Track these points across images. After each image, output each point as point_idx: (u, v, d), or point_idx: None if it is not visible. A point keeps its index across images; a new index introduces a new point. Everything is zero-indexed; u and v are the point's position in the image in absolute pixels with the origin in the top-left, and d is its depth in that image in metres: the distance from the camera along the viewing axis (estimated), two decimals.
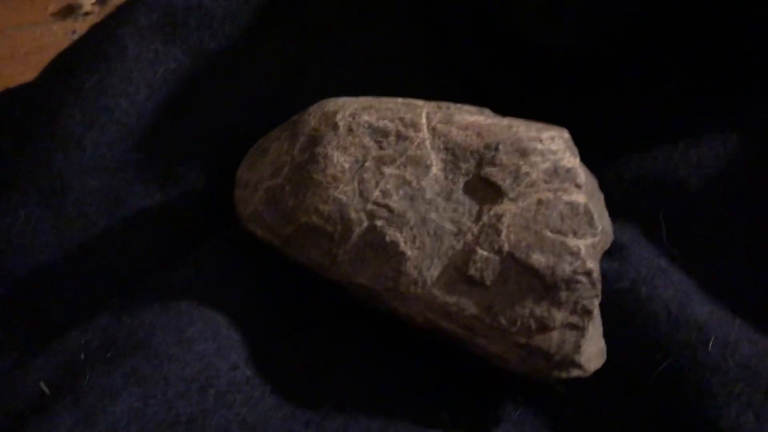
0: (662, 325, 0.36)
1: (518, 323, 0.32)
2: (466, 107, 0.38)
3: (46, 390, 0.31)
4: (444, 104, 0.37)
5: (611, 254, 0.40)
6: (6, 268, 0.39)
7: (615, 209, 0.42)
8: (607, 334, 0.36)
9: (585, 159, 0.42)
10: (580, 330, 0.32)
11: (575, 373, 0.34)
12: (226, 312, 0.35)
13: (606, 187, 0.42)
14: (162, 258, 0.40)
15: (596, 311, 0.35)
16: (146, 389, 0.30)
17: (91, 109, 0.42)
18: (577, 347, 0.32)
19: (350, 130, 0.34)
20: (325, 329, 0.36)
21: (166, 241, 0.40)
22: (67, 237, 0.40)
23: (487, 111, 0.38)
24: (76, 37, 0.46)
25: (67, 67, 0.43)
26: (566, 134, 0.35)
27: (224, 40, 0.46)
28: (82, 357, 0.33)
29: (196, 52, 0.45)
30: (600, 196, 0.40)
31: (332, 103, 0.36)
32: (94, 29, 0.45)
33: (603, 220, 0.38)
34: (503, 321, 0.32)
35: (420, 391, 0.35)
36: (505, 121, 0.35)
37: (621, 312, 0.37)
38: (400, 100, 0.36)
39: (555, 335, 0.32)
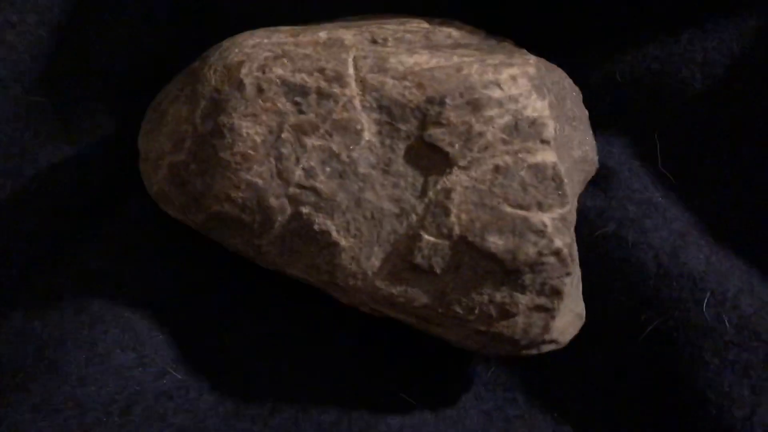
0: (651, 278, 0.31)
1: (476, 311, 0.27)
2: (413, 27, 0.30)
3: None
4: (381, 31, 0.30)
5: (596, 184, 0.34)
6: None
7: (604, 120, 0.35)
8: (588, 288, 0.32)
9: (569, 58, 0.35)
10: (549, 311, 0.28)
11: (548, 348, 0.30)
12: (148, 306, 0.30)
13: (594, 91, 0.35)
14: (79, 223, 0.35)
15: (575, 267, 0.31)
16: (59, 421, 0.27)
17: None
18: (546, 330, 0.28)
19: (260, 90, 0.27)
20: (263, 314, 0.32)
21: (80, 203, 0.35)
22: None
23: (453, 27, 0.31)
24: None
25: None
26: (531, 68, 0.28)
27: None
28: None
29: None
30: (582, 116, 0.33)
31: (236, 50, 0.28)
32: None
33: (585, 146, 0.32)
34: (459, 310, 0.28)
35: (375, 373, 0.31)
36: (455, 59, 0.28)
37: (604, 262, 0.32)
38: (323, 34, 0.29)
39: (520, 320, 0.28)
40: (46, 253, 0.34)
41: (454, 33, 0.31)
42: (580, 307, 0.31)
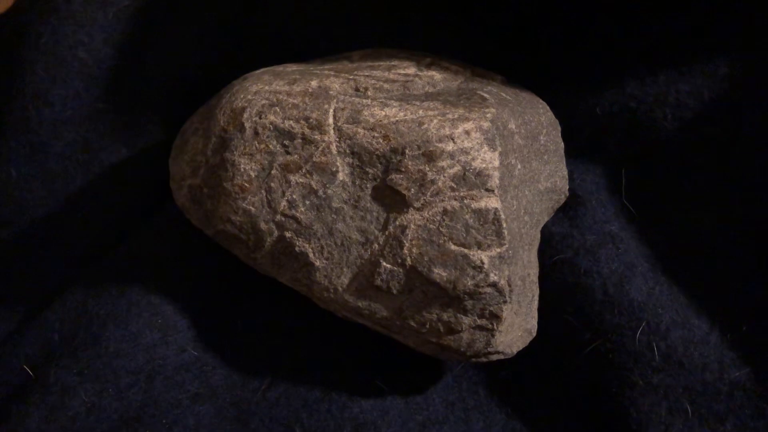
0: (596, 304, 0.35)
1: (427, 326, 0.33)
2: (397, 75, 0.35)
3: (30, 372, 0.37)
4: (365, 80, 0.34)
5: (565, 211, 0.38)
6: (4, 222, 0.44)
7: (582, 149, 0.39)
8: (544, 306, 0.36)
9: (556, 90, 0.38)
10: (489, 331, 0.33)
11: (495, 357, 0.35)
12: (174, 295, 0.37)
13: (575, 124, 0.39)
14: (126, 219, 0.42)
15: (533, 286, 0.35)
16: (99, 384, 0.35)
17: (51, 63, 0.42)
18: (488, 344, 0.33)
19: (256, 133, 0.33)
20: (267, 307, 0.38)
21: (134, 200, 0.42)
22: (54, 192, 0.43)
23: (439, 69, 0.35)
24: None
25: (19, 23, 0.43)
26: (486, 123, 0.32)
27: None
28: (57, 338, 0.37)
29: None
30: (557, 148, 0.37)
31: (241, 96, 0.34)
32: None
33: (554, 177, 0.36)
34: (413, 324, 0.33)
35: (356, 361, 0.37)
36: (420, 113, 0.32)
37: (559, 285, 0.36)
38: (314, 83, 0.34)
39: (464, 336, 0.33)
40: (103, 241, 0.41)
41: (437, 76, 0.36)
42: (531, 324, 0.35)
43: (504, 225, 0.31)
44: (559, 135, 0.38)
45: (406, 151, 0.32)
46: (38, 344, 0.38)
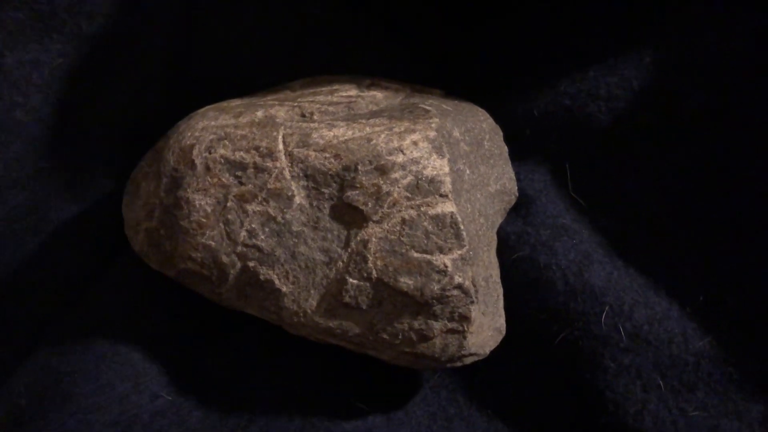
0: (559, 295, 0.36)
1: (400, 337, 0.33)
2: (340, 98, 0.36)
3: None
4: (310, 105, 0.35)
5: (517, 211, 0.39)
6: None
7: (526, 150, 0.40)
8: (509, 304, 0.37)
9: (494, 97, 0.40)
10: (461, 333, 0.33)
11: (470, 359, 0.35)
12: (141, 343, 0.37)
13: (515, 126, 0.40)
14: (84, 273, 0.41)
15: (496, 286, 0.36)
16: None
17: None
18: (461, 347, 0.33)
19: (207, 168, 0.33)
20: (236, 343, 0.38)
21: (90, 254, 0.42)
22: (5, 258, 0.43)
23: (380, 89, 0.36)
24: None
25: None
26: (432, 132, 0.33)
27: (102, 20, 0.43)
28: (24, 403, 0.36)
29: (77, 39, 0.43)
30: (502, 152, 0.38)
31: (188, 134, 0.34)
32: None
33: (502, 180, 0.37)
34: (386, 336, 0.33)
35: (333, 386, 0.37)
36: (367, 129, 0.33)
37: (521, 282, 0.37)
38: (260, 113, 0.34)
39: (437, 341, 0.33)
40: (61, 300, 0.41)
41: (379, 95, 0.37)
42: (500, 323, 0.36)
43: (462, 227, 0.32)
44: (502, 139, 0.39)
45: (359, 167, 0.32)
46: (4, 412, 0.37)
